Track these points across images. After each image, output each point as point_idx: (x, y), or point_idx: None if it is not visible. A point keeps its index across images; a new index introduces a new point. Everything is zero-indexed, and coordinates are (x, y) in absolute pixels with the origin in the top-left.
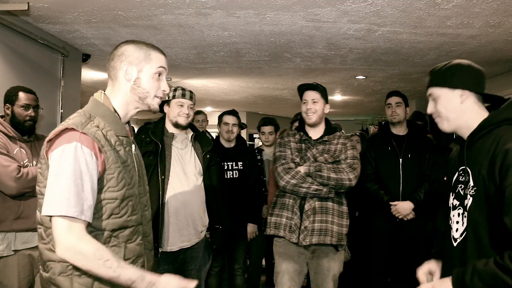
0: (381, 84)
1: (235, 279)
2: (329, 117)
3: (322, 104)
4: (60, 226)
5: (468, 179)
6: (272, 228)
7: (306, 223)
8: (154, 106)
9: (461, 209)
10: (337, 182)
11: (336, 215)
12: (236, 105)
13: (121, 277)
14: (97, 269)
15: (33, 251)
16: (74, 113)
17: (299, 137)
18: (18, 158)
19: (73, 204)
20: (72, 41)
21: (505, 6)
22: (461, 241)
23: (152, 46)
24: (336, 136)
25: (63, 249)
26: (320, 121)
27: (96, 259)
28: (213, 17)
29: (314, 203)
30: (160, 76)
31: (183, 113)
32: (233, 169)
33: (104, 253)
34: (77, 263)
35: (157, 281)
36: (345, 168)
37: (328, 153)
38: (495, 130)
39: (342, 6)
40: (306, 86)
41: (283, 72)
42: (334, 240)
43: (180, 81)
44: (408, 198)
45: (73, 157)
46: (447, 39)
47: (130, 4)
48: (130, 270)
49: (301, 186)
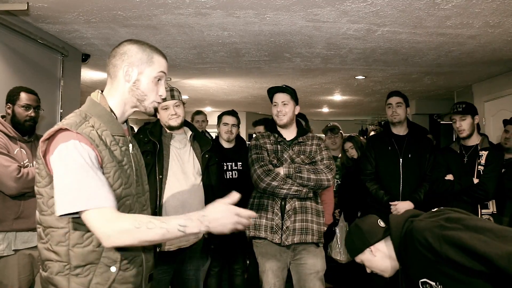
0: (380, 84)
1: (234, 279)
2: (329, 118)
3: (292, 106)
4: (93, 220)
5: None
6: (252, 229)
7: (287, 223)
8: (150, 110)
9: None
10: (317, 183)
11: (315, 214)
12: (235, 105)
13: (171, 230)
14: (146, 236)
15: (33, 250)
16: (71, 114)
17: (274, 138)
18: (19, 158)
19: (93, 195)
20: (72, 41)
21: (505, 6)
22: None
23: (155, 49)
24: (309, 137)
25: (107, 239)
26: (292, 122)
27: (138, 229)
28: (212, 17)
29: (295, 203)
30: (160, 80)
31: (171, 115)
32: (232, 169)
33: (142, 219)
34: (128, 242)
35: (206, 214)
36: (323, 169)
37: (304, 154)
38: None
39: (341, 6)
40: (275, 89)
41: (283, 72)
42: (315, 238)
43: (180, 81)
44: (408, 198)
45: (75, 153)
46: (447, 39)
47: (130, 4)
48: (174, 220)
49: (282, 188)
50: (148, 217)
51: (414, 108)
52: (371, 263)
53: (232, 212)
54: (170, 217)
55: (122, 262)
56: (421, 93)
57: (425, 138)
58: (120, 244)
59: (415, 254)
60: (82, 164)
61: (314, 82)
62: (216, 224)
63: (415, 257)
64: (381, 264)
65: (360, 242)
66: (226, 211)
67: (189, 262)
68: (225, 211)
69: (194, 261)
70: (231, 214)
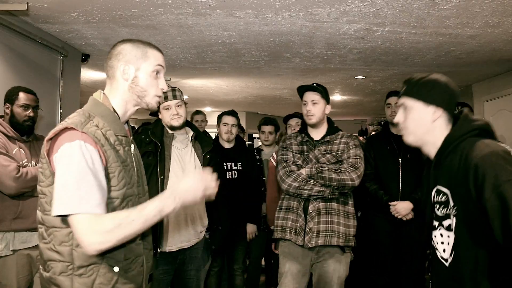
0: (380, 84)
1: (234, 279)
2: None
3: (323, 105)
4: (80, 224)
5: (446, 198)
6: (279, 231)
7: (310, 225)
8: (153, 105)
9: (442, 229)
10: (340, 183)
11: (342, 216)
12: (235, 105)
13: (148, 216)
14: (128, 231)
15: (32, 251)
16: (74, 113)
17: (301, 139)
18: (17, 158)
19: (85, 200)
20: (72, 41)
21: (504, 6)
22: (452, 261)
23: (149, 44)
24: (338, 135)
25: (88, 246)
26: (322, 121)
27: (119, 225)
28: (212, 17)
29: (318, 205)
30: (158, 74)
31: (173, 115)
32: (232, 169)
33: (120, 215)
34: (111, 241)
35: (175, 190)
36: (347, 168)
37: (331, 154)
38: (460, 145)
39: (341, 6)
40: (305, 87)
41: (283, 72)
42: (340, 241)
43: (180, 81)
44: (407, 198)
45: (78, 155)
46: (447, 39)
47: (130, 4)
48: (149, 206)
49: (303, 189)
50: (125, 212)
51: None
52: (417, 117)
53: (200, 181)
54: (145, 203)
55: (125, 262)
56: None
57: None
58: (104, 247)
59: (460, 169)
60: (82, 167)
61: (313, 82)
62: (187, 195)
63: (457, 171)
64: (424, 128)
65: (436, 95)
66: (194, 182)
67: (190, 262)
68: (193, 183)
69: (195, 262)
70: (199, 184)
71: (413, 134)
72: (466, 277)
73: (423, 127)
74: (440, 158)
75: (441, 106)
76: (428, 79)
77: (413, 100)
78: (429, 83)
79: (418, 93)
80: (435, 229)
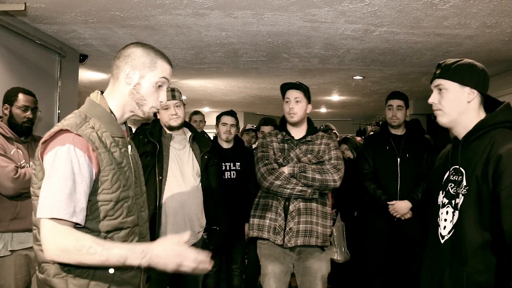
0: (378, 85)
1: (232, 279)
2: (327, 118)
3: (305, 104)
4: (46, 229)
5: (461, 178)
6: (255, 230)
7: (291, 225)
8: (149, 115)
9: (450, 207)
10: (322, 183)
11: (320, 216)
12: (233, 106)
13: (111, 258)
14: (84, 260)
15: (30, 251)
16: (70, 114)
17: (282, 137)
18: (15, 159)
19: (64, 206)
20: (69, 42)
21: (502, 7)
22: (448, 238)
23: (161, 54)
24: (319, 136)
25: (50, 251)
26: (303, 120)
27: (78, 250)
28: (210, 17)
29: (299, 204)
30: (161, 86)
31: (171, 115)
32: (231, 169)
33: (85, 242)
34: (66, 261)
35: (150, 249)
36: (330, 169)
37: (312, 154)
38: (491, 132)
39: (339, 7)
40: (289, 85)
41: (281, 73)
42: (319, 241)
43: (178, 82)
44: (406, 197)
45: (65, 159)
46: (444, 40)
47: (128, 5)
48: (116, 249)
49: (286, 187)
50: (92, 241)
51: (412, 108)
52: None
53: (177, 254)
54: (114, 244)
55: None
56: (419, 93)
57: (423, 138)
58: (59, 261)
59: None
60: (67, 173)
61: (312, 82)
62: (158, 261)
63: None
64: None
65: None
66: (171, 252)
67: None
68: (169, 252)
69: None
70: (175, 257)
71: (448, 115)
72: (459, 256)
73: (459, 108)
74: (468, 140)
75: (476, 88)
76: (463, 62)
77: (449, 82)
78: (465, 66)
79: (454, 75)
80: (444, 206)
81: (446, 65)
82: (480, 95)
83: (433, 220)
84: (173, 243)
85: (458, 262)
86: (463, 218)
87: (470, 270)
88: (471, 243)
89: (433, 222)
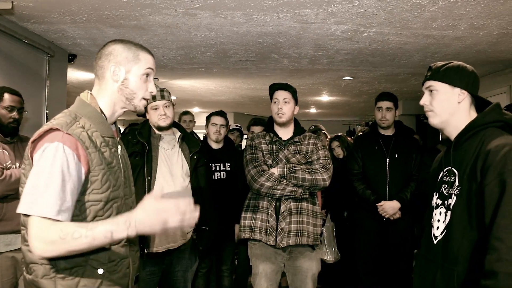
0: (368, 85)
1: (222, 280)
2: (316, 118)
3: (293, 105)
4: (31, 227)
5: (454, 179)
6: (247, 231)
7: (282, 225)
8: (140, 108)
9: (443, 208)
10: (312, 183)
11: (311, 216)
12: (223, 106)
13: (97, 237)
14: (72, 247)
15: (17, 253)
16: (60, 113)
17: (270, 138)
18: (1, 159)
19: (50, 204)
20: (58, 41)
21: (489, 9)
22: (441, 239)
23: (141, 47)
24: (306, 136)
25: (36, 248)
26: (290, 121)
27: (63, 239)
28: (200, 17)
29: (290, 204)
30: (148, 77)
31: (160, 115)
32: (220, 170)
33: (68, 228)
34: (53, 253)
35: (131, 217)
36: (319, 168)
37: (300, 154)
38: (481, 132)
39: (329, 7)
40: (278, 85)
41: (271, 73)
42: (310, 240)
43: (167, 82)
44: (395, 197)
45: (53, 157)
46: (433, 41)
47: (117, 4)
48: (100, 226)
49: (276, 188)
50: (75, 226)
51: (401, 108)
52: (444, 99)
53: (158, 211)
54: (97, 222)
55: (109, 264)
56: (408, 93)
57: (412, 138)
58: (47, 256)
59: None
60: (54, 171)
61: (301, 83)
62: (143, 227)
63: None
64: (450, 109)
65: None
66: (151, 212)
67: (177, 263)
68: (150, 213)
69: (182, 262)
70: (157, 215)
71: (439, 116)
72: (450, 256)
73: (449, 108)
74: (459, 140)
75: (466, 89)
76: (453, 64)
77: (440, 83)
78: (455, 67)
79: (444, 77)
80: (437, 207)
81: (436, 67)
82: (470, 96)
83: (428, 222)
84: (150, 202)
85: (450, 262)
86: (454, 218)
87: (461, 270)
88: (462, 243)
89: (428, 223)
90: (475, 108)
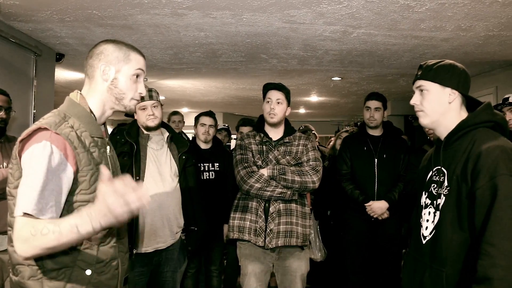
0: (356, 86)
1: (211, 280)
2: (306, 119)
3: (285, 106)
4: (15, 227)
5: (443, 179)
6: (236, 232)
7: (271, 226)
8: (130, 108)
9: (432, 208)
10: (301, 185)
11: (300, 217)
12: (212, 106)
13: (64, 232)
14: (41, 243)
15: (3, 254)
16: (49, 113)
17: (260, 138)
18: None
19: (34, 202)
20: (45, 40)
21: (475, 11)
22: (430, 239)
23: (132, 47)
24: (296, 136)
25: (16, 248)
26: (281, 122)
27: (33, 236)
28: (189, 17)
29: (279, 205)
30: (138, 78)
31: (148, 115)
32: (209, 170)
33: (39, 225)
34: (28, 251)
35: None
36: (309, 170)
37: (290, 155)
38: (472, 132)
39: (318, 8)
40: (272, 85)
41: (260, 73)
42: (299, 241)
43: (156, 82)
44: (383, 197)
45: (40, 156)
46: (421, 42)
47: (105, 3)
48: (65, 222)
49: (266, 190)
50: (46, 222)
51: (390, 109)
52: (434, 99)
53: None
54: (64, 217)
55: (98, 265)
56: (397, 94)
57: (400, 138)
58: (27, 256)
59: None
60: (40, 170)
61: (290, 83)
62: (105, 216)
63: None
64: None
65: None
66: (104, 199)
67: (166, 263)
68: (102, 200)
69: (171, 263)
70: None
71: (429, 116)
72: (439, 256)
73: (440, 108)
74: (449, 140)
75: (457, 89)
76: (444, 63)
77: (431, 83)
78: (446, 67)
79: (435, 76)
80: (426, 207)
81: (427, 66)
82: (461, 96)
83: (416, 221)
84: (101, 191)
85: (438, 262)
86: (443, 219)
87: (449, 271)
88: (451, 244)
89: (416, 223)
90: (466, 107)
